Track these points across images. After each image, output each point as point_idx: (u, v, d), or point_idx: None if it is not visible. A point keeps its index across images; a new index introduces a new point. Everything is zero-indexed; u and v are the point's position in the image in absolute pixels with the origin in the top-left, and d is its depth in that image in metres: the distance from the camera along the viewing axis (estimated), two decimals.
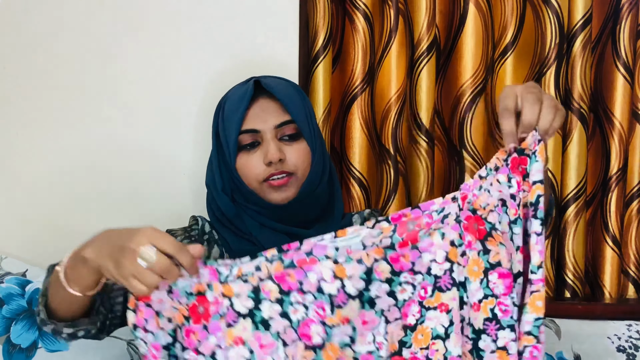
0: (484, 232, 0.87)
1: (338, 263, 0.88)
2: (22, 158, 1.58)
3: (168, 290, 0.88)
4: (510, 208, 0.87)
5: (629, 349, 1.47)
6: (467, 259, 0.87)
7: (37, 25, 1.57)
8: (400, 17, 1.64)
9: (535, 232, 0.86)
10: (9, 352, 1.37)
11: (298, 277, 0.88)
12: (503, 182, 0.87)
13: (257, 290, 0.88)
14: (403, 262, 0.89)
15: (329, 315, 0.87)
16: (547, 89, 1.64)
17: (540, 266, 0.85)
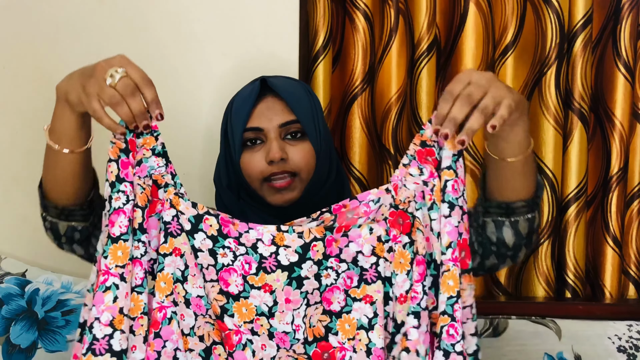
0: (409, 225, 0.91)
1: (280, 231, 0.92)
2: (22, 158, 1.58)
3: (138, 161, 0.94)
4: (426, 194, 0.92)
5: (629, 350, 1.46)
6: (393, 255, 0.91)
7: (37, 25, 1.57)
8: (401, 16, 1.64)
9: (443, 215, 0.90)
10: (8, 353, 1.37)
11: (240, 229, 0.92)
12: (415, 174, 0.93)
13: (199, 218, 0.92)
14: (334, 246, 0.92)
15: (253, 273, 0.91)
16: (548, 88, 1.64)
17: (449, 246, 0.88)
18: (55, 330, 1.39)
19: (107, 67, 0.94)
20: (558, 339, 1.47)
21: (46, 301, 1.42)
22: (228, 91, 1.54)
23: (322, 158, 1.22)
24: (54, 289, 1.45)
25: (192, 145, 1.58)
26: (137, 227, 0.91)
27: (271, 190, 1.20)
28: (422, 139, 0.94)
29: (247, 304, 0.91)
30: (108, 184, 0.93)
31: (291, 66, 1.56)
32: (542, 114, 1.65)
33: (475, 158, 1.68)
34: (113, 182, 0.92)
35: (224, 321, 0.91)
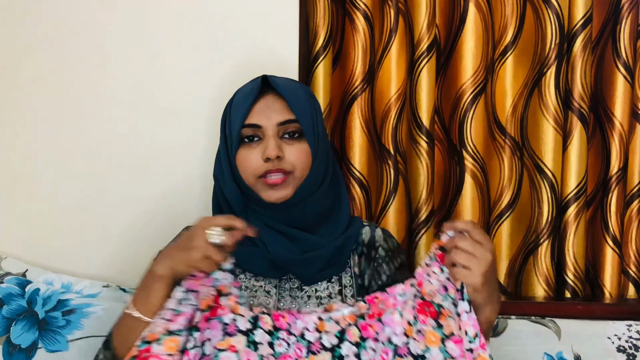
0: (435, 313, 1.07)
1: (321, 320, 1.10)
2: (22, 158, 1.58)
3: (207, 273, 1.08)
4: (449, 288, 1.08)
5: (629, 349, 1.47)
6: (422, 335, 1.06)
7: (37, 25, 1.57)
8: (401, 17, 1.64)
9: (465, 311, 1.06)
10: (9, 352, 1.37)
11: (289, 320, 1.10)
12: (437, 272, 1.09)
13: (256, 319, 1.08)
14: (370, 330, 1.09)
15: (304, 357, 1.07)
16: (548, 88, 1.64)
17: (476, 336, 1.05)
18: (55, 330, 1.39)
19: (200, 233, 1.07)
20: (558, 339, 1.47)
21: (47, 301, 1.42)
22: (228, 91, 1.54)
23: (319, 159, 1.22)
24: (54, 289, 1.45)
25: (192, 145, 1.58)
26: (193, 326, 1.07)
27: (265, 186, 1.20)
28: (440, 244, 1.09)
29: None
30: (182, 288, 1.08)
31: (291, 66, 1.56)
32: (542, 114, 1.65)
33: (475, 159, 1.68)
34: (185, 290, 1.08)
35: None
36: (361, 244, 1.30)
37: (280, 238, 1.22)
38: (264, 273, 1.23)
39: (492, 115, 1.70)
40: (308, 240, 1.23)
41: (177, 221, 1.50)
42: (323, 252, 1.22)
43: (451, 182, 1.73)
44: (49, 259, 1.57)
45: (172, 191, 1.58)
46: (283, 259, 1.21)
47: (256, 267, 1.23)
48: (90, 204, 1.58)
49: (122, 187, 1.58)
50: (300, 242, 1.23)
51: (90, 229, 1.58)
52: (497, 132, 1.70)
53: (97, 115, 1.58)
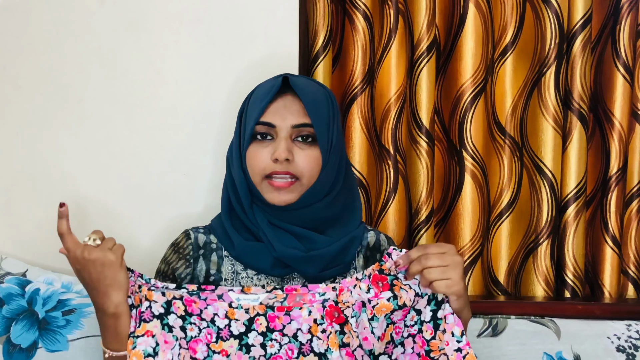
0: (342, 319, 1.12)
1: (232, 307, 1.13)
2: (22, 158, 1.59)
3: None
4: (367, 309, 1.13)
5: (628, 349, 1.47)
6: (326, 336, 1.11)
7: (37, 25, 1.57)
8: (400, 17, 1.64)
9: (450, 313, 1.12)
10: (9, 352, 1.37)
11: (200, 306, 1.13)
12: (363, 289, 1.13)
13: (169, 303, 1.12)
14: (277, 322, 1.13)
15: (214, 342, 1.12)
16: (547, 89, 1.64)
17: (462, 334, 1.12)
18: (55, 330, 1.39)
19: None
20: (557, 339, 1.48)
21: (47, 301, 1.42)
22: (228, 91, 1.55)
23: (329, 168, 1.21)
24: (54, 289, 1.45)
25: (192, 145, 1.58)
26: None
27: (269, 188, 1.19)
28: (381, 267, 1.14)
29: None
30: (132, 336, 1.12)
31: (291, 66, 1.56)
32: (542, 114, 1.65)
33: (475, 159, 1.68)
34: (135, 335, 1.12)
35: None
36: (366, 247, 1.30)
37: (286, 235, 1.22)
38: (267, 270, 1.23)
39: (492, 115, 1.70)
40: (314, 239, 1.22)
41: (178, 222, 1.51)
42: (328, 249, 1.22)
43: (451, 182, 1.73)
44: (49, 259, 1.57)
45: (172, 191, 1.58)
46: (288, 256, 1.20)
47: (260, 264, 1.23)
48: (90, 204, 1.58)
49: (123, 187, 1.58)
50: (306, 240, 1.22)
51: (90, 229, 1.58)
52: (497, 132, 1.70)
53: (97, 115, 1.58)
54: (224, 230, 1.26)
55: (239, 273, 1.24)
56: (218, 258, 1.26)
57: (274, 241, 1.20)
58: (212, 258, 1.25)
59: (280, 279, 1.24)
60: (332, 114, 1.23)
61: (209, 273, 1.24)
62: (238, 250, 1.23)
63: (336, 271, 1.24)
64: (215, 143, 1.56)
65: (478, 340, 1.47)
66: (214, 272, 1.24)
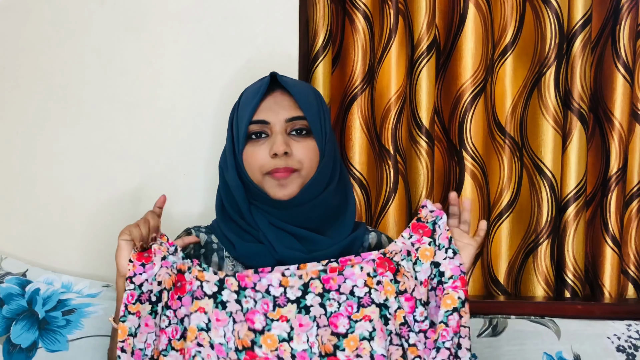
0: (394, 268, 1.16)
1: (285, 276, 1.15)
2: (22, 158, 1.58)
3: (162, 257, 1.15)
4: (411, 254, 1.18)
5: (628, 349, 1.47)
6: (382, 286, 1.14)
7: (37, 25, 1.57)
8: (400, 17, 1.64)
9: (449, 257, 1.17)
10: (9, 352, 1.37)
11: (254, 279, 1.15)
12: (405, 237, 1.20)
13: (222, 281, 1.14)
14: (332, 283, 1.15)
15: (271, 310, 1.13)
16: (547, 89, 1.64)
17: (451, 277, 1.15)
18: (55, 330, 1.39)
19: None
20: (557, 339, 1.48)
21: (47, 301, 1.42)
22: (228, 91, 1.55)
23: (326, 159, 1.22)
24: (54, 289, 1.45)
25: (193, 145, 1.58)
26: (164, 305, 1.14)
27: (272, 182, 1.20)
28: (418, 216, 1.21)
29: (271, 335, 1.12)
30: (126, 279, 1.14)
31: (291, 66, 1.56)
32: (542, 114, 1.65)
33: (475, 159, 1.68)
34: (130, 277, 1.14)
35: (254, 351, 1.11)
36: (367, 248, 1.30)
37: (287, 236, 1.22)
38: None
39: (492, 116, 1.70)
40: (315, 240, 1.22)
41: (178, 222, 1.50)
42: (330, 251, 1.21)
43: (451, 182, 1.73)
44: (49, 259, 1.57)
45: (172, 191, 1.58)
46: (290, 258, 1.20)
47: (261, 266, 1.22)
48: (91, 204, 1.58)
49: (123, 187, 1.58)
50: (307, 242, 1.22)
51: (90, 228, 1.58)
52: (497, 132, 1.70)
53: (97, 115, 1.58)
54: (224, 234, 1.26)
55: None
56: (219, 259, 1.26)
57: (275, 243, 1.20)
58: (213, 258, 1.25)
59: None
60: (321, 106, 1.25)
61: None
62: (239, 252, 1.23)
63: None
64: (215, 143, 1.56)
65: (478, 340, 1.46)
66: None
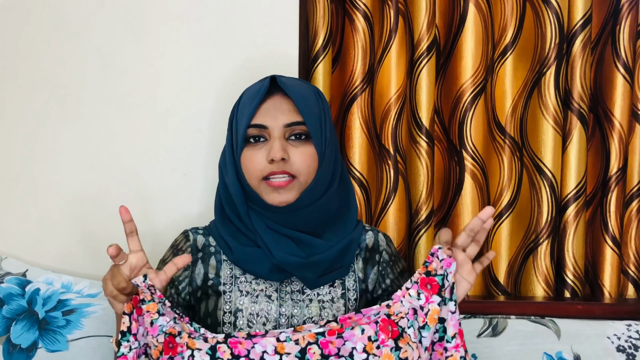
0: (397, 333, 1.09)
1: (280, 341, 1.08)
2: (22, 158, 1.59)
3: (150, 322, 1.07)
4: (419, 316, 1.11)
5: (628, 349, 1.47)
6: (381, 352, 1.08)
7: (37, 25, 1.58)
8: (400, 17, 1.64)
9: (450, 311, 1.11)
10: (9, 352, 1.37)
11: (247, 346, 1.08)
12: (413, 296, 1.12)
13: (214, 349, 1.07)
14: (331, 347, 1.09)
15: None
16: (547, 89, 1.64)
17: (454, 336, 1.11)
18: (55, 330, 1.39)
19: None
20: (557, 339, 1.48)
21: (47, 301, 1.42)
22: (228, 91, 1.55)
23: (325, 164, 1.21)
24: (54, 289, 1.45)
25: (192, 145, 1.58)
26: None
27: (268, 188, 1.19)
28: (428, 269, 1.12)
29: None
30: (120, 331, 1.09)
31: (291, 66, 1.56)
32: (542, 114, 1.65)
33: (475, 159, 1.68)
34: (123, 331, 1.08)
35: None
36: (365, 249, 1.29)
37: (284, 240, 1.21)
38: (265, 276, 1.22)
39: (492, 116, 1.70)
40: (313, 244, 1.22)
41: (178, 222, 1.51)
42: (327, 254, 1.21)
43: (451, 182, 1.73)
44: (49, 259, 1.57)
45: (172, 192, 1.58)
46: (287, 262, 1.19)
47: (258, 270, 1.22)
48: (90, 204, 1.58)
49: (122, 187, 1.58)
50: (305, 245, 1.21)
51: (90, 228, 1.58)
52: (497, 132, 1.70)
53: (97, 115, 1.58)
54: (221, 236, 1.26)
55: (238, 277, 1.24)
56: (217, 262, 1.25)
57: (273, 247, 1.20)
58: (211, 262, 1.25)
59: (279, 283, 1.24)
60: (322, 109, 1.23)
61: (207, 277, 1.24)
62: (236, 255, 1.23)
63: (335, 275, 1.23)
64: (215, 143, 1.56)
65: (478, 340, 1.47)
66: (213, 276, 1.24)
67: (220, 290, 1.22)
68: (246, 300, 1.21)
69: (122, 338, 1.08)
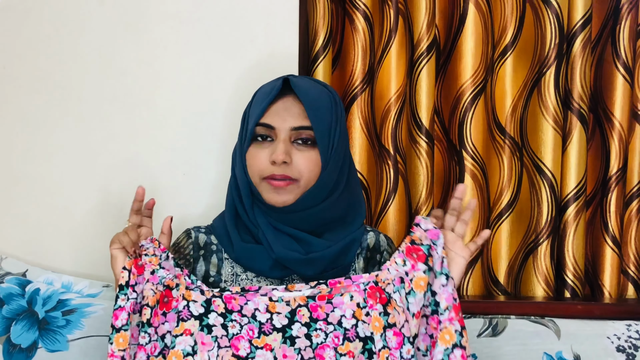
0: (385, 300, 1.12)
1: (272, 301, 1.12)
2: (22, 158, 1.59)
3: (151, 271, 1.13)
4: (405, 283, 1.14)
5: (628, 349, 1.47)
6: (370, 318, 1.11)
7: (37, 25, 1.57)
8: (400, 17, 1.64)
9: (442, 284, 1.14)
10: (9, 352, 1.37)
11: (240, 302, 1.12)
12: (399, 264, 1.15)
13: (209, 302, 1.11)
14: (320, 311, 1.12)
15: (256, 337, 1.10)
16: (547, 89, 1.64)
17: (446, 309, 1.12)
18: (55, 330, 1.39)
19: None
20: (557, 339, 1.48)
21: (47, 301, 1.43)
22: (228, 91, 1.55)
23: (329, 171, 1.20)
24: (54, 289, 1.46)
25: (192, 145, 1.58)
26: (145, 322, 1.12)
27: (268, 187, 1.19)
28: (412, 238, 1.17)
29: None
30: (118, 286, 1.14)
31: (291, 66, 1.56)
32: (542, 114, 1.65)
33: (475, 159, 1.68)
34: (122, 285, 1.13)
35: None
36: (366, 249, 1.29)
37: (285, 237, 1.21)
38: (265, 273, 1.23)
39: (492, 116, 1.70)
40: (311, 242, 1.22)
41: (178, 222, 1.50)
42: (328, 252, 1.21)
43: (451, 182, 1.73)
44: (49, 259, 1.57)
45: (172, 192, 1.58)
46: (287, 258, 1.20)
47: (258, 266, 1.22)
48: (91, 204, 1.58)
49: (123, 187, 1.58)
50: (304, 243, 1.22)
51: (90, 228, 1.58)
52: (497, 132, 1.70)
53: (96, 115, 1.58)
54: (225, 230, 1.26)
55: (239, 275, 1.24)
56: (218, 260, 1.25)
57: (273, 243, 1.20)
58: (212, 260, 1.25)
59: (280, 280, 1.24)
60: (334, 116, 1.22)
61: (208, 274, 1.24)
62: (237, 252, 1.23)
63: (336, 273, 1.23)
64: (215, 143, 1.56)
65: (478, 340, 1.47)
66: (214, 273, 1.24)
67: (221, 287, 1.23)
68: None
69: (120, 292, 1.12)
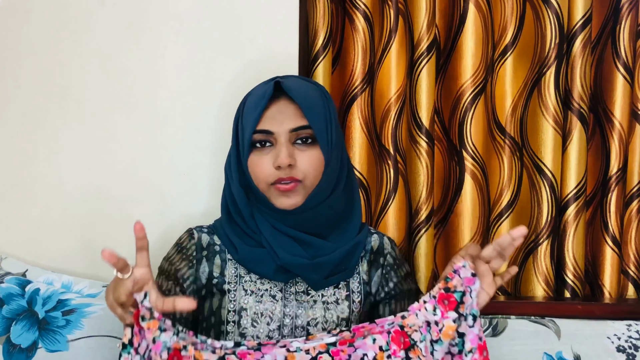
0: (408, 344, 1.09)
1: (290, 351, 1.06)
2: (22, 158, 1.59)
3: (152, 339, 1.01)
4: (432, 330, 1.11)
5: (628, 349, 1.47)
6: None
7: (37, 25, 1.57)
8: (400, 17, 1.64)
9: (468, 325, 1.11)
10: (9, 352, 1.37)
11: (256, 357, 1.05)
12: (429, 310, 1.11)
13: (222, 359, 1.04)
14: (342, 355, 1.07)
15: None
16: (547, 89, 1.64)
17: (471, 351, 1.10)
18: (55, 330, 1.39)
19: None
20: (557, 339, 1.48)
21: (47, 301, 1.42)
22: (228, 92, 1.55)
23: (332, 166, 1.21)
24: (54, 289, 1.45)
25: (192, 144, 1.58)
26: None
27: (276, 192, 1.19)
28: (447, 285, 1.12)
29: None
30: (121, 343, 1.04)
31: (291, 66, 1.56)
32: (542, 114, 1.65)
33: (475, 159, 1.68)
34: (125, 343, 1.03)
35: None
36: (369, 251, 1.30)
37: (289, 242, 1.21)
38: (270, 276, 1.23)
39: (492, 116, 1.70)
40: (318, 245, 1.22)
41: (179, 222, 1.51)
42: (332, 256, 1.21)
43: (451, 182, 1.73)
44: (49, 259, 1.57)
45: (173, 192, 1.58)
46: (292, 263, 1.20)
47: (263, 270, 1.22)
48: (90, 203, 1.58)
49: (122, 187, 1.58)
50: (310, 247, 1.22)
51: (90, 228, 1.58)
52: (497, 132, 1.70)
53: (97, 115, 1.58)
54: (227, 236, 1.26)
55: (242, 277, 1.24)
56: (222, 261, 1.25)
57: (278, 249, 1.20)
58: (216, 261, 1.25)
59: (284, 283, 1.24)
60: (328, 111, 1.22)
61: (212, 275, 1.24)
62: (241, 255, 1.23)
63: (340, 277, 1.24)
64: (216, 143, 1.56)
65: None
66: (217, 274, 1.24)
67: (224, 289, 1.23)
68: (250, 299, 1.21)
69: (123, 350, 1.04)
